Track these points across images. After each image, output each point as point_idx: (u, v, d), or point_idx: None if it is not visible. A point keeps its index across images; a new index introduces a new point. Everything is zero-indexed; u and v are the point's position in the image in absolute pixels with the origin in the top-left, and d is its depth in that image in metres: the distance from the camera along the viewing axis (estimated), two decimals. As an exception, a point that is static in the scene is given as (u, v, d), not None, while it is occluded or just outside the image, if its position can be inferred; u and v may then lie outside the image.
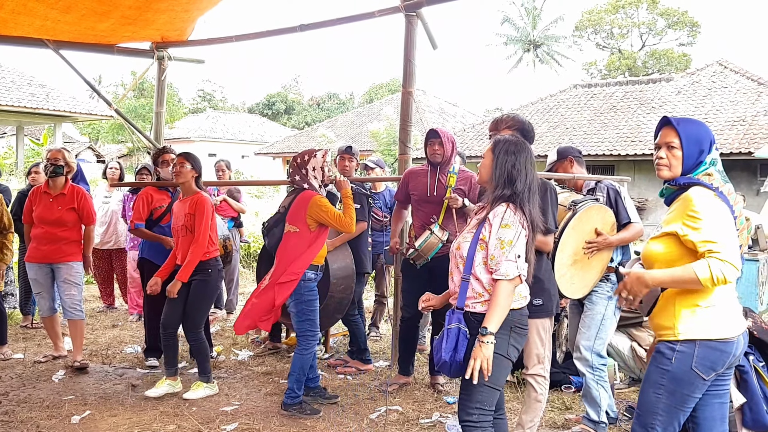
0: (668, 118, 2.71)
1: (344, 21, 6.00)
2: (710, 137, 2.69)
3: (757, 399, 3.66)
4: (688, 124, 2.69)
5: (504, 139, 3.10)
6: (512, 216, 2.93)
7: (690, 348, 2.54)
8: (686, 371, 2.54)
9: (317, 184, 4.52)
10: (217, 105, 56.44)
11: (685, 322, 2.56)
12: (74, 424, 4.28)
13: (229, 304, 7.60)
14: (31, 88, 19.61)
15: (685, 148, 2.64)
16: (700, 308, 2.55)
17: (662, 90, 20.02)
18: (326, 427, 4.31)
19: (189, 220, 4.77)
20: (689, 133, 2.65)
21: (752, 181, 15.64)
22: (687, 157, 2.65)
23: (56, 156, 5.40)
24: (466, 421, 2.99)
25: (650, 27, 45.10)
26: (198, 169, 4.91)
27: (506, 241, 2.89)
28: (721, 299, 2.57)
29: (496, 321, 2.87)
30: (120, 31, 6.12)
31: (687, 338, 2.55)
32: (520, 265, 2.90)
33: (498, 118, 3.84)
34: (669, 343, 2.59)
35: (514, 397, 4.79)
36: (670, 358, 2.56)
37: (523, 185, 2.98)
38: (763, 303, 5.21)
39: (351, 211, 4.53)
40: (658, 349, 2.64)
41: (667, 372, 2.57)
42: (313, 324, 4.49)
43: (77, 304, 5.45)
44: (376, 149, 22.34)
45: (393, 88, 47.28)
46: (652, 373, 2.64)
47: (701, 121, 2.78)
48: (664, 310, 2.63)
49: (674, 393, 2.57)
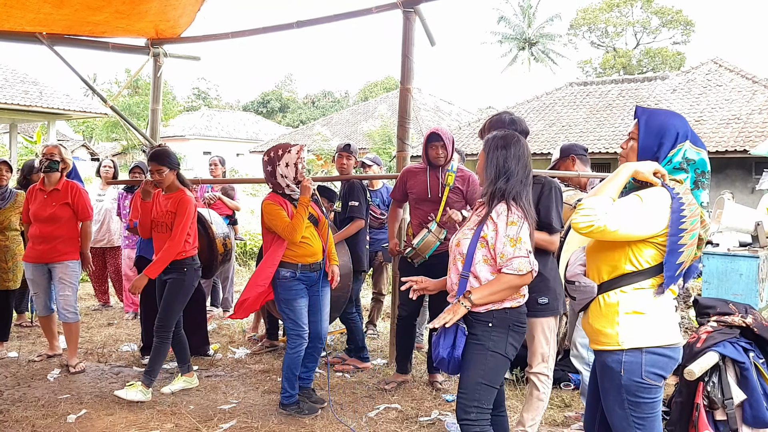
0: (637, 108, 2.62)
1: (342, 17, 5.95)
2: (678, 131, 2.54)
3: (757, 396, 3.64)
4: (652, 114, 2.58)
5: (493, 135, 3.08)
6: (515, 213, 2.92)
7: (637, 357, 2.47)
8: (637, 381, 2.47)
9: (284, 183, 4.33)
10: (211, 103, 56.33)
11: (628, 330, 2.48)
12: (70, 423, 4.24)
13: (225, 303, 7.57)
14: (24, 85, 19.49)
15: (642, 139, 2.55)
16: (643, 315, 2.49)
17: (657, 88, 20.05)
18: (325, 425, 4.28)
19: (169, 218, 4.65)
20: (649, 124, 2.55)
21: (747, 179, 15.68)
22: (642, 149, 2.55)
23: (52, 151, 5.35)
24: (464, 419, 2.97)
25: (645, 25, 45.22)
26: (174, 165, 4.73)
27: (515, 237, 2.87)
28: (663, 307, 2.51)
29: (483, 297, 2.88)
30: (114, 23, 6.06)
31: (632, 347, 2.47)
32: (532, 261, 2.88)
33: (484, 124, 3.78)
34: (613, 354, 2.50)
35: (514, 395, 4.77)
36: (619, 371, 2.48)
37: (516, 178, 2.95)
38: (763, 300, 5.21)
39: (299, 221, 4.25)
40: (603, 363, 2.54)
41: (621, 386, 2.49)
42: (295, 324, 4.38)
43: (71, 305, 5.37)
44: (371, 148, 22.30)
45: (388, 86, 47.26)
46: (608, 391, 2.56)
47: (678, 114, 2.63)
48: (605, 316, 2.54)
49: (638, 404, 2.50)
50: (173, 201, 4.67)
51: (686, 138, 2.54)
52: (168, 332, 4.70)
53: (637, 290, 2.50)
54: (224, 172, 7.72)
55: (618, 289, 2.51)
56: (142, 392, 4.61)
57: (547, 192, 3.67)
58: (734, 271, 5.13)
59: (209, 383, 5.11)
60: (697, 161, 2.54)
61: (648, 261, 2.49)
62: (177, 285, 4.68)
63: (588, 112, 20.12)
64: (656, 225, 2.44)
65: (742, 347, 3.75)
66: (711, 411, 3.67)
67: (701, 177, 2.55)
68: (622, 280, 2.51)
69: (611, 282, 2.54)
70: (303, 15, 6.03)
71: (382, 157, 19.73)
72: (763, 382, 3.72)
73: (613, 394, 2.53)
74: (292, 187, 4.36)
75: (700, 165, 2.55)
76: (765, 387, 3.71)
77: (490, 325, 2.93)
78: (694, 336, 3.79)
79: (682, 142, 2.53)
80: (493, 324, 2.93)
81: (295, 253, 4.34)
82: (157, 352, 4.70)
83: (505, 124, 3.65)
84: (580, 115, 20.16)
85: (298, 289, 4.39)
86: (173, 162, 4.74)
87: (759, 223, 5.16)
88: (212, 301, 7.55)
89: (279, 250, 4.33)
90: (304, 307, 4.43)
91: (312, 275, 4.44)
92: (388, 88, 44.69)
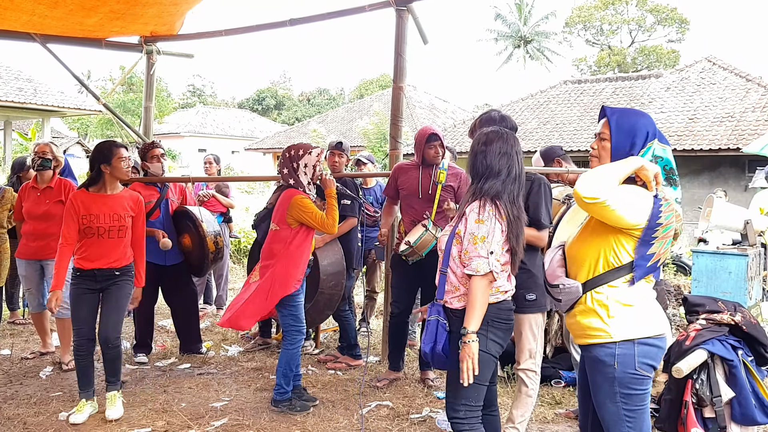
0: (604, 108, 2.65)
1: (335, 15, 5.96)
2: (648, 130, 2.57)
3: (745, 393, 3.67)
4: (623, 114, 2.60)
5: (478, 133, 3.09)
6: (487, 211, 2.90)
7: (629, 348, 2.50)
8: (631, 372, 2.50)
9: (306, 181, 4.39)
10: (206, 100, 56.17)
11: (619, 323, 2.51)
12: (62, 421, 4.24)
13: (219, 300, 7.57)
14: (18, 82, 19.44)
15: (614, 139, 2.57)
16: (632, 307, 2.52)
17: (651, 86, 20.09)
18: (316, 422, 4.29)
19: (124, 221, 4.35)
20: (620, 124, 2.57)
21: (740, 177, 15.73)
22: (615, 149, 2.57)
23: (44, 150, 5.35)
24: (453, 418, 2.99)
25: (639, 23, 45.26)
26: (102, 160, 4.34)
27: (479, 236, 2.87)
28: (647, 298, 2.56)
29: (476, 319, 2.85)
30: (108, 26, 6.07)
31: (625, 339, 2.50)
32: (492, 262, 2.86)
33: (474, 122, 3.80)
34: (605, 347, 2.53)
35: (505, 392, 4.79)
36: (612, 363, 2.51)
37: (498, 177, 2.94)
38: (752, 298, 5.24)
39: (334, 212, 4.40)
40: (595, 357, 2.56)
41: (614, 379, 2.52)
42: (296, 320, 4.42)
43: (65, 302, 5.37)
44: (366, 146, 22.30)
45: (383, 84, 47.20)
46: (600, 385, 2.57)
47: (645, 113, 2.67)
48: (593, 311, 2.56)
49: (630, 396, 2.53)
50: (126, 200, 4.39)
51: (654, 137, 2.59)
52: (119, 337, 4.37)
53: (625, 283, 2.53)
54: (219, 171, 7.71)
55: (606, 284, 2.54)
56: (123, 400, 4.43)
57: (537, 188, 3.68)
58: (723, 269, 5.16)
59: (201, 381, 5.12)
60: (664, 158, 2.58)
61: (630, 254, 2.52)
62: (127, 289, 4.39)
63: (582, 110, 20.14)
64: (642, 216, 2.48)
65: (730, 345, 3.77)
66: (700, 408, 3.69)
67: (671, 174, 2.60)
68: (608, 276, 2.54)
69: (597, 278, 2.56)
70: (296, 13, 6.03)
71: (378, 155, 19.73)
72: (751, 380, 3.75)
73: (605, 388, 2.56)
74: (310, 186, 4.43)
75: (667, 161, 2.60)
76: (753, 385, 3.74)
77: None
78: (683, 334, 3.81)
79: (651, 141, 2.58)
80: None
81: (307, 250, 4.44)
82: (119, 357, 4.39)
83: (494, 122, 3.67)
84: (574, 113, 20.19)
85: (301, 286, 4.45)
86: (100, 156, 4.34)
87: (748, 222, 5.19)
88: (205, 299, 7.56)
89: (302, 249, 4.34)
90: (302, 303, 4.48)
91: (307, 271, 4.51)
92: (384, 86, 44.63)
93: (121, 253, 4.36)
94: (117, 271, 4.34)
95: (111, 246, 4.31)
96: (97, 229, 4.26)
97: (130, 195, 4.49)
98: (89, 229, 4.27)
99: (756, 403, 3.68)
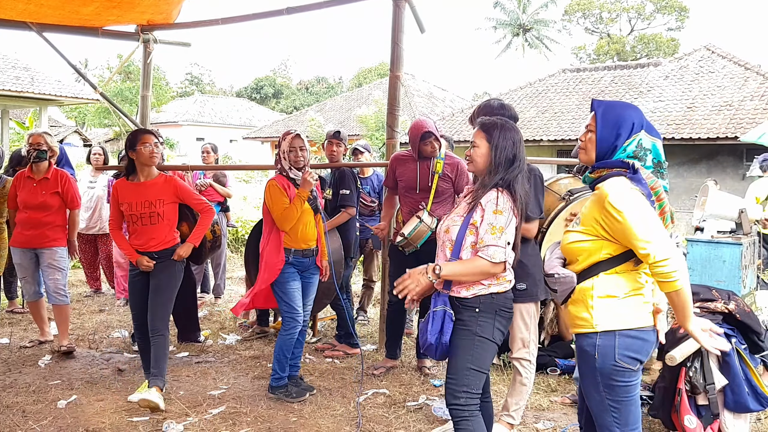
0: (592, 101, 2.66)
1: (332, 4, 5.94)
2: (633, 121, 2.57)
3: (738, 381, 3.70)
4: (609, 107, 2.61)
5: (497, 123, 3.06)
6: (505, 202, 2.93)
7: (610, 340, 2.50)
8: (611, 363, 2.50)
9: (287, 166, 4.41)
10: (204, 89, 56.02)
11: (602, 313, 2.52)
12: (60, 409, 4.27)
13: (217, 289, 7.59)
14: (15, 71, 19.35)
15: (600, 131, 2.57)
16: (615, 299, 2.53)
17: (650, 74, 20.05)
18: (313, 410, 4.33)
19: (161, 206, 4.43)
20: (606, 117, 2.57)
21: (738, 166, 15.75)
22: (600, 140, 2.57)
23: (38, 140, 5.34)
24: (453, 404, 3.01)
25: (639, 11, 45.12)
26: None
27: (498, 227, 2.89)
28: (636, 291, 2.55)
29: (452, 273, 2.92)
30: (105, 15, 6.04)
31: (606, 329, 2.51)
32: (508, 253, 2.92)
33: (473, 111, 3.80)
34: (588, 337, 2.54)
35: (501, 380, 4.83)
36: (593, 354, 2.52)
37: (517, 170, 2.99)
38: (746, 286, 5.27)
39: (293, 211, 4.30)
40: (580, 346, 2.59)
41: (595, 369, 2.53)
42: (290, 307, 4.44)
43: (61, 289, 5.42)
44: (364, 134, 22.27)
45: (382, 72, 47.03)
46: (585, 375, 2.60)
47: (633, 105, 2.67)
48: (581, 301, 2.58)
49: (612, 387, 2.53)
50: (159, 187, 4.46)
51: (641, 128, 2.58)
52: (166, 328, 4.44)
53: (610, 275, 2.54)
54: (217, 159, 7.71)
55: (598, 275, 2.55)
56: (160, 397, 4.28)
57: (531, 180, 3.69)
58: (718, 257, 5.18)
59: (199, 369, 5.15)
60: (651, 149, 2.57)
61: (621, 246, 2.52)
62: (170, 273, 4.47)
63: (581, 99, 20.11)
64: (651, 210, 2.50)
65: (724, 333, 3.80)
66: (693, 396, 3.73)
67: (659, 167, 2.58)
68: (598, 267, 2.55)
69: (589, 269, 2.57)
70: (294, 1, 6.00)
71: (376, 144, 19.71)
72: (744, 368, 3.78)
73: (589, 378, 2.58)
74: (295, 171, 4.42)
75: (655, 155, 2.59)
76: (747, 372, 3.78)
77: (477, 311, 2.97)
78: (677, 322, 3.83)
79: (638, 132, 2.57)
80: (480, 309, 2.97)
81: (290, 238, 4.41)
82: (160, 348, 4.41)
83: (494, 109, 3.68)
84: (572, 102, 20.16)
85: (290, 272, 4.44)
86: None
87: (743, 211, 5.21)
88: (203, 287, 7.58)
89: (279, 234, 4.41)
90: (297, 290, 4.48)
91: (304, 261, 4.50)
92: (382, 74, 44.46)
93: (160, 238, 4.46)
94: (156, 255, 4.45)
95: (148, 232, 4.44)
96: (131, 216, 4.45)
97: (165, 180, 4.53)
98: (129, 217, 4.47)
99: (749, 391, 3.71)
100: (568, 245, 2.64)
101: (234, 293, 8.11)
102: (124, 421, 4.11)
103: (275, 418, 4.20)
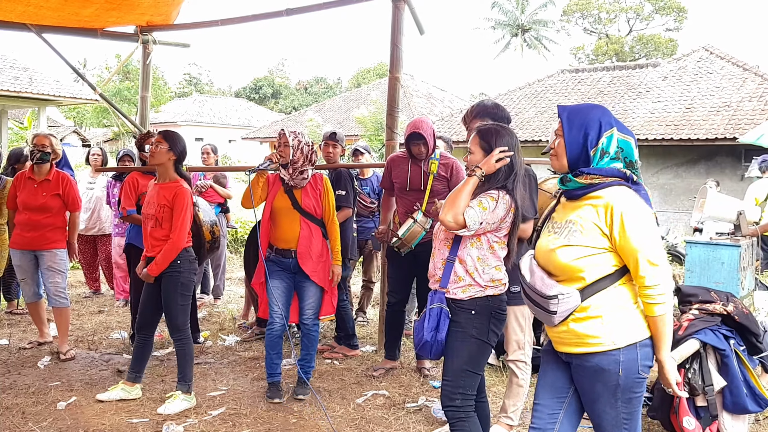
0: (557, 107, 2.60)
1: (331, 5, 5.96)
2: (600, 120, 2.46)
3: (737, 382, 3.72)
4: (573, 110, 2.53)
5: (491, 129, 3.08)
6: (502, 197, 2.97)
7: (633, 353, 2.40)
8: (634, 377, 2.42)
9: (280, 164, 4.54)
10: (203, 89, 55.99)
11: (617, 328, 2.41)
12: (60, 410, 4.28)
13: (216, 290, 7.59)
14: (14, 71, 19.33)
15: (566, 134, 2.49)
16: (627, 311, 2.43)
17: (649, 75, 20.06)
18: (313, 411, 4.33)
19: (162, 212, 4.31)
20: (572, 120, 2.50)
21: (736, 167, 15.75)
22: (569, 143, 2.49)
23: (43, 142, 5.33)
24: (449, 406, 3.03)
25: (637, 12, 45.16)
26: (177, 152, 4.38)
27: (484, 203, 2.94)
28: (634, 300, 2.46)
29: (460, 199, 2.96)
30: (104, 16, 6.06)
31: (628, 344, 2.40)
32: (475, 220, 2.91)
33: (467, 111, 3.81)
34: (607, 354, 2.41)
35: (500, 381, 4.83)
36: (617, 371, 2.40)
37: (515, 176, 3.02)
38: (744, 288, 5.27)
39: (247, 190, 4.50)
40: (595, 366, 2.43)
41: (617, 386, 2.42)
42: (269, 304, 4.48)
43: (61, 291, 5.41)
44: (363, 135, 22.27)
45: (380, 73, 47.04)
46: (600, 394, 2.45)
47: (597, 105, 2.57)
48: (589, 319, 2.43)
49: (630, 400, 2.45)
50: (168, 192, 4.33)
51: (611, 126, 2.48)
52: (183, 332, 4.41)
53: (618, 287, 2.44)
54: (216, 161, 7.71)
55: (602, 290, 2.43)
56: (186, 399, 4.36)
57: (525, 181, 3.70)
58: (716, 259, 5.19)
59: (199, 370, 5.14)
60: (624, 149, 2.50)
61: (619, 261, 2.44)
62: (173, 283, 4.35)
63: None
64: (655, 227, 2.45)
65: (723, 335, 3.82)
66: (692, 397, 3.74)
67: (632, 168, 2.46)
68: (607, 280, 2.44)
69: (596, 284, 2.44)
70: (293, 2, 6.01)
71: (374, 144, 19.71)
72: (743, 369, 3.79)
73: (605, 397, 2.45)
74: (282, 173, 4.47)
75: (628, 154, 2.50)
76: (745, 374, 3.79)
77: (473, 313, 2.99)
78: (676, 324, 3.85)
79: (608, 130, 2.47)
80: (476, 311, 2.99)
81: (272, 234, 4.53)
82: (180, 355, 4.43)
83: (487, 109, 3.69)
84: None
85: (270, 270, 4.45)
86: (177, 147, 4.39)
87: (741, 212, 5.22)
88: (203, 288, 7.58)
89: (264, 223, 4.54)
90: (275, 288, 4.46)
91: (285, 261, 4.48)
92: (381, 75, 44.48)
93: (160, 242, 4.37)
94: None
95: (150, 234, 4.41)
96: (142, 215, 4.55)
97: (170, 186, 4.37)
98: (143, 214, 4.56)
99: (747, 392, 3.73)
100: (566, 264, 2.45)
101: (233, 294, 8.11)
102: (124, 422, 4.11)
103: (275, 420, 4.20)
